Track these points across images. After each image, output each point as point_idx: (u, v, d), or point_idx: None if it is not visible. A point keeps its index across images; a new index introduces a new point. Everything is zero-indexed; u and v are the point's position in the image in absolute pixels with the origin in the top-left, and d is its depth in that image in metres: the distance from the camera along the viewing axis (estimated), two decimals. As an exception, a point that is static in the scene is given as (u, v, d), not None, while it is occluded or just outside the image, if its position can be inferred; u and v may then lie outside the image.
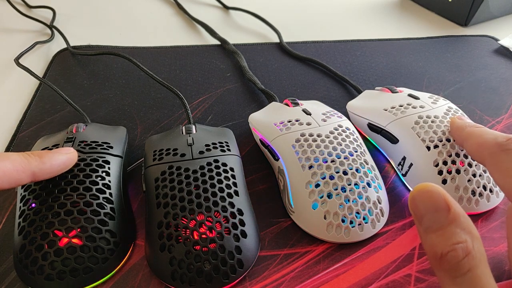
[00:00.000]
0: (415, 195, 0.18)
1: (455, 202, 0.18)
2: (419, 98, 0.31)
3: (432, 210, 0.18)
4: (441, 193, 0.18)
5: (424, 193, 0.18)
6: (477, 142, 0.23)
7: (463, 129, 0.25)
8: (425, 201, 0.18)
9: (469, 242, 0.17)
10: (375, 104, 0.32)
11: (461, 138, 0.25)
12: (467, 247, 0.16)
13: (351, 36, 0.49)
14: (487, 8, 0.51)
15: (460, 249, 0.16)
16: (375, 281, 0.23)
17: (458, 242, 0.17)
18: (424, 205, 0.18)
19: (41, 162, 0.23)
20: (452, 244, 0.17)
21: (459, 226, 0.17)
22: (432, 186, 0.18)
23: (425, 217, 0.18)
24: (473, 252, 0.16)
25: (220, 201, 0.23)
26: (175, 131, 0.29)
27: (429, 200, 0.18)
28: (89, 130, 0.29)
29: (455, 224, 0.17)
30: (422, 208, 0.18)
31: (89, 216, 0.23)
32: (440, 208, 0.17)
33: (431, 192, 0.18)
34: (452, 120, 0.27)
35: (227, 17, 0.54)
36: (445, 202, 0.17)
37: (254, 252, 0.23)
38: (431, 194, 0.18)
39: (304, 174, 0.25)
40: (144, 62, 0.43)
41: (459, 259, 0.16)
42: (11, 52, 0.44)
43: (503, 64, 0.43)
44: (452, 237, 0.17)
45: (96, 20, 0.54)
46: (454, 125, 0.26)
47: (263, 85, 0.39)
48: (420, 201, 0.18)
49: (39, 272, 0.21)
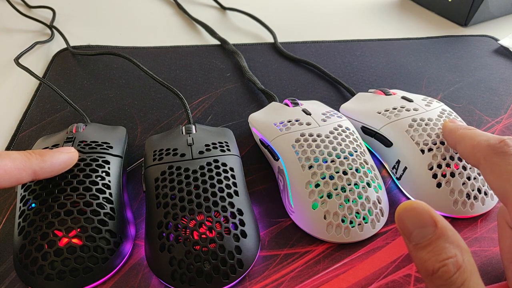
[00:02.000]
0: (401, 213, 0.18)
1: (441, 216, 0.18)
2: (413, 100, 0.31)
3: (419, 226, 0.18)
4: (426, 208, 0.18)
5: (409, 211, 0.18)
6: (470, 144, 0.23)
7: (455, 131, 0.25)
8: (411, 218, 0.18)
9: (459, 256, 0.17)
10: (368, 106, 0.32)
11: (453, 141, 0.25)
12: (457, 261, 0.16)
13: (351, 36, 0.49)
14: (487, 8, 0.51)
15: (451, 264, 0.16)
16: (375, 281, 0.23)
17: (449, 257, 0.17)
18: (411, 222, 0.18)
19: (42, 160, 0.23)
20: (442, 260, 0.17)
21: (447, 241, 0.17)
22: (417, 202, 0.18)
23: (413, 234, 0.18)
24: (464, 265, 0.16)
25: (220, 201, 0.23)
26: (175, 131, 0.29)
27: (415, 216, 0.18)
28: (89, 130, 0.29)
29: (443, 239, 0.17)
30: (409, 225, 0.18)
31: (89, 216, 0.23)
32: (426, 224, 0.17)
33: (416, 208, 0.18)
34: (444, 124, 0.27)
35: (225, 18, 0.54)
36: (431, 218, 0.17)
37: (254, 252, 0.23)
38: (416, 210, 0.18)
39: (304, 174, 0.26)
40: (144, 62, 0.43)
41: (450, 274, 0.16)
42: (11, 52, 0.44)
43: (503, 64, 0.43)
44: (442, 253, 0.17)
45: (96, 20, 0.54)
46: (447, 128, 0.26)
47: (263, 85, 0.39)
48: (406, 218, 0.18)
49: (39, 272, 0.21)
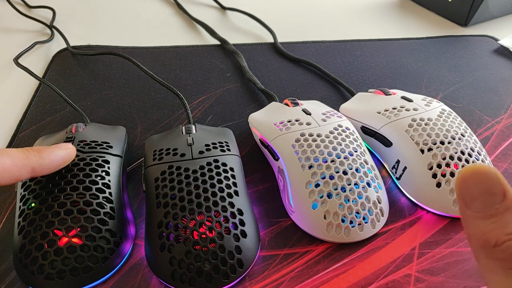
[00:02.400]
0: (467, 175, 0.17)
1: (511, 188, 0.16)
2: (413, 100, 0.31)
3: (486, 193, 0.16)
4: (499, 175, 0.16)
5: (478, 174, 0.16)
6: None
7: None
8: (479, 182, 0.16)
9: None
10: (368, 106, 0.32)
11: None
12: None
13: (351, 36, 0.49)
14: (487, 8, 0.51)
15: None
16: (375, 281, 0.23)
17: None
18: (478, 186, 0.16)
19: (40, 157, 0.23)
20: (509, 233, 0.15)
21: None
22: (489, 168, 0.16)
23: (476, 200, 0.16)
24: None
25: (220, 201, 0.23)
26: (175, 131, 0.29)
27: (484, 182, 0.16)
28: (89, 130, 0.29)
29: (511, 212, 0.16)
30: (475, 190, 0.16)
31: (89, 216, 0.23)
32: (495, 192, 0.16)
33: (487, 174, 0.16)
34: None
35: (225, 18, 0.54)
36: (502, 186, 0.16)
37: (254, 252, 0.23)
38: (488, 176, 0.16)
39: (304, 174, 0.26)
40: (144, 62, 0.43)
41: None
42: (11, 52, 0.44)
43: (503, 64, 0.43)
44: (508, 226, 0.16)
45: (96, 20, 0.54)
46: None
47: (263, 85, 0.39)
48: (473, 182, 0.16)
49: (39, 272, 0.21)
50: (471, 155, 0.27)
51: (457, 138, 0.27)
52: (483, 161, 0.27)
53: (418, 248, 0.25)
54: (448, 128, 0.28)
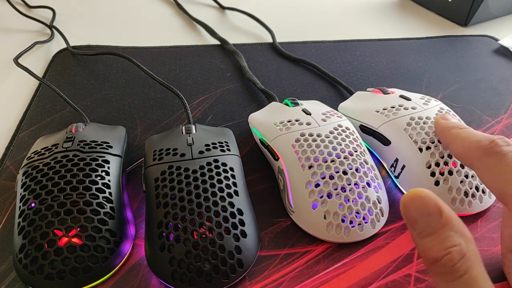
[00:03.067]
0: (406, 201, 0.18)
1: (447, 205, 0.18)
2: (411, 99, 0.31)
3: (424, 214, 0.18)
4: (432, 197, 0.18)
5: (415, 199, 0.18)
6: (461, 145, 0.23)
7: (447, 130, 0.25)
8: (417, 206, 0.18)
9: (463, 244, 0.17)
10: (366, 105, 0.32)
11: (446, 141, 0.25)
12: (462, 250, 0.16)
13: (351, 36, 0.49)
14: (487, 8, 0.51)
15: (455, 252, 0.16)
16: (375, 281, 0.23)
17: (453, 245, 0.17)
18: (416, 210, 0.18)
19: None
20: (446, 248, 0.17)
21: (452, 229, 0.17)
22: (423, 191, 0.18)
23: (418, 222, 0.18)
24: (468, 254, 0.16)
25: (220, 201, 0.23)
26: (175, 131, 0.29)
27: (420, 204, 0.18)
28: (89, 130, 0.29)
29: (448, 227, 0.17)
30: (414, 213, 0.18)
31: (89, 216, 0.23)
32: (432, 212, 0.17)
33: (422, 197, 0.18)
34: (436, 120, 0.27)
35: (224, 17, 0.54)
36: (437, 206, 0.17)
37: (254, 252, 0.23)
38: (422, 199, 0.18)
39: (304, 174, 0.25)
40: (144, 62, 0.43)
41: (454, 262, 0.16)
42: (11, 52, 0.44)
43: (503, 64, 0.43)
44: (446, 241, 0.17)
45: (96, 20, 0.54)
46: (439, 126, 0.26)
47: (263, 85, 0.39)
48: (412, 206, 0.18)
49: (39, 272, 0.21)
50: None
51: None
52: None
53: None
54: None
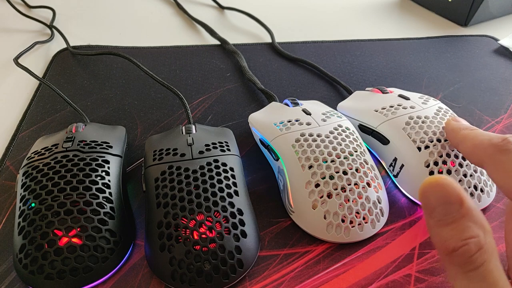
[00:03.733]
0: (426, 187, 0.18)
1: (468, 195, 0.17)
2: (410, 98, 0.31)
3: (444, 202, 0.17)
4: (455, 186, 0.17)
5: (436, 186, 0.17)
6: (472, 144, 0.23)
7: (457, 131, 0.25)
8: (437, 193, 0.17)
9: (481, 236, 0.16)
10: (365, 105, 0.32)
11: (456, 140, 0.25)
12: (480, 242, 0.16)
13: (351, 36, 0.49)
14: (487, 8, 0.51)
15: (472, 244, 0.16)
16: (375, 281, 0.23)
17: (471, 237, 0.16)
18: (436, 197, 0.17)
19: None
20: (465, 239, 0.16)
21: (471, 220, 0.17)
22: (446, 178, 0.17)
23: (436, 210, 0.17)
24: (486, 246, 0.16)
25: (220, 201, 0.23)
26: (175, 131, 0.29)
27: (442, 192, 0.17)
28: (89, 130, 0.29)
29: (467, 218, 0.17)
30: (433, 200, 0.17)
31: (89, 216, 0.23)
32: (452, 201, 0.17)
33: (443, 184, 0.17)
34: (447, 122, 0.27)
35: (224, 17, 0.54)
36: (458, 195, 0.17)
37: (254, 252, 0.23)
38: (444, 186, 0.17)
39: (304, 174, 0.25)
40: (144, 62, 0.43)
41: (471, 253, 0.16)
42: (11, 52, 0.44)
43: (503, 64, 0.43)
44: (465, 231, 0.16)
45: (96, 20, 0.54)
46: (449, 127, 0.26)
47: (263, 85, 0.39)
48: (432, 193, 0.17)
49: (39, 272, 0.21)
50: None
51: None
52: None
53: (418, 248, 0.25)
54: None
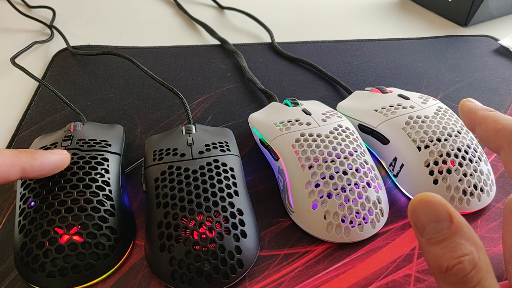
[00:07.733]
0: (415, 205, 0.17)
1: (457, 212, 0.17)
2: (409, 98, 0.31)
3: (433, 220, 0.17)
4: (442, 202, 0.17)
5: (424, 203, 0.17)
6: (493, 128, 0.21)
7: (474, 112, 0.23)
8: (426, 211, 0.17)
9: (475, 253, 0.16)
10: (365, 105, 0.32)
11: (472, 122, 0.23)
12: (474, 259, 0.16)
13: (351, 36, 0.49)
14: (487, 8, 0.51)
15: (467, 262, 0.16)
16: (375, 281, 0.23)
17: (464, 254, 0.16)
18: (425, 215, 0.17)
19: (32, 158, 0.22)
20: (458, 257, 0.16)
21: (463, 237, 0.16)
22: (432, 196, 0.17)
23: (426, 228, 0.17)
24: (480, 263, 0.16)
25: (220, 201, 0.24)
26: (175, 131, 0.29)
27: (430, 210, 0.17)
28: (87, 129, 0.29)
29: (459, 235, 0.16)
30: (423, 218, 0.17)
31: (89, 213, 0.23)
32: (442, 218, 0.17)
33: (431, 202, 0.17)
34: (461, 103, 0.24)
35: (224, 17, 0.54)
36: (447, 212, 0.17)
37: (254, 252, 0.23)
38: (432, 204, 0.17)
39: (304, 174, 0.26)
40: (144, 62, 0.43)
41: (466, 272, 0.16)
42: (11, 52, 0.44)
43: (503, 64, 0.43)
44: (457, 249, 0.16)
45: (96, 20, 0.54)
46: (465, 108, 0.24)
47: (263, 85, 0.39)
48: (421, 211, 0.17)
49: (40, 270, 0.21)
50: (467, 152, 0.27)
51: (453, 135, 0.27)
52: (480, 158, 0.27)
53: (418, 248, 0.25)
54: (444, 126, 0.28)
